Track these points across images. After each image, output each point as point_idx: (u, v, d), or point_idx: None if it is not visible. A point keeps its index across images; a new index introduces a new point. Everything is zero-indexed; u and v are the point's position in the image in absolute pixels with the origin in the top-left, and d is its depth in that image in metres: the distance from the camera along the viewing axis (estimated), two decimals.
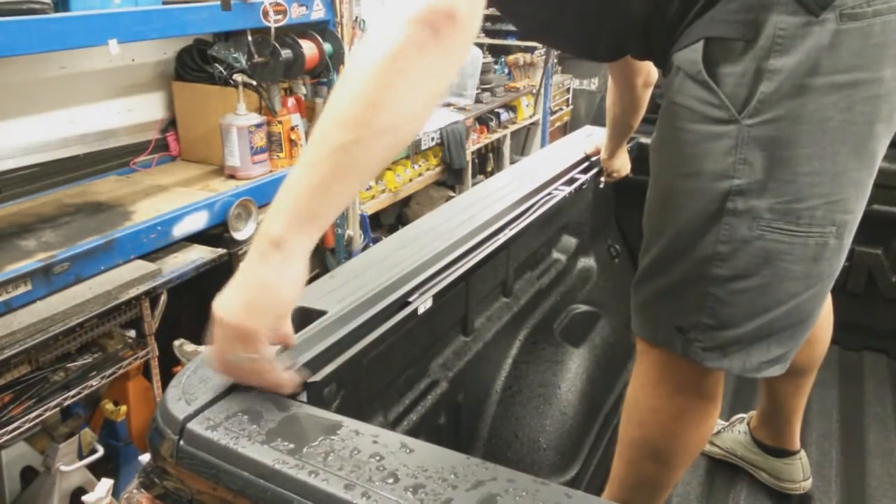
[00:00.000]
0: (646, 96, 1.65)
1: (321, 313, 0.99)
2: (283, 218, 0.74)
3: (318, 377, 0.87)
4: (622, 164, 1.97)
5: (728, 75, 0.97)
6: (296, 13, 2.53)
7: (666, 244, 1.10)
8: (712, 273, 1.04)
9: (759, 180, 0.97)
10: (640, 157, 2.19)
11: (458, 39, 0.76)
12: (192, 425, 0.73)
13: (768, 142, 0.96)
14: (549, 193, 1.69)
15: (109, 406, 2.10)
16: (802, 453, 1.63)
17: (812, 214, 0.97)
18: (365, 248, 3.10)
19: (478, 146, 4.39)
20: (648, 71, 1.58)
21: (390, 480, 0.63)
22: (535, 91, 4.95)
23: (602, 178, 1.98)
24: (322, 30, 2.71)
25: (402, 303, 1.10)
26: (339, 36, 2.74)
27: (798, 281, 1.02)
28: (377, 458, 0.66)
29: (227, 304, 0.75)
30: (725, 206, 1.00)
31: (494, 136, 4.56)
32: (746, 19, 0.94)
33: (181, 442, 0.72)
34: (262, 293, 0.75)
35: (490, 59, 4.68)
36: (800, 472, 1.62)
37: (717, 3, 0.98)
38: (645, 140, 2.19)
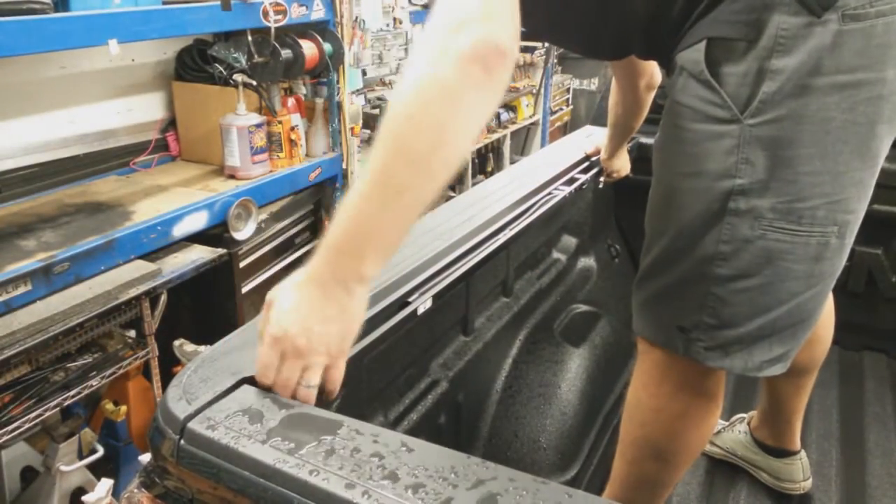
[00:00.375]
0: (648, 98, 1.65)
1: None
2: (370, 256, 0.78)
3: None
4: (622, 165, 1.97)
5: (730, 75, 0.97)
6: (296, 13, 2.53)
7: (667, 244, 1.10)
8: (714, 273, 1.04)
9: (761, 180, 0.97)
10: (640, 156, 2.19)
11: (505, 72, 0.80)
12: (193, 425, 0.73)
13: (770, 141, 0.96)
14: (549, 193, 1.69)
15: (109, 406, 2.10)
16: (803, 453, 1.63)
17: (814, 214, 0.97)
18: None
19: (478, 146, 4.38)
20: (652, 73, 1.58)
21: (391, 480, 0.63)
22: (535, 91, 4.94)
23: (602, 178, 1.98)
24: (322, 30, 2.71)
25: (402, 303, 1.10)
26: (339, 36, 2.74)
27: (800, 280, 1.02)
28: (378, 457, 0.66)
29: (324, 338, 0.78)
30: (727, 205, 1.00)
31: (494, 136, 4.56)
32: (749, 20, 0.94)
33: (182, 441, 0.72)
34: (354, 325, 0.80)
35: None
36: (800, 473, 1.62)
37: (720, 4, 0.98)
38: (645, 140, 2.19)
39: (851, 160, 0.96)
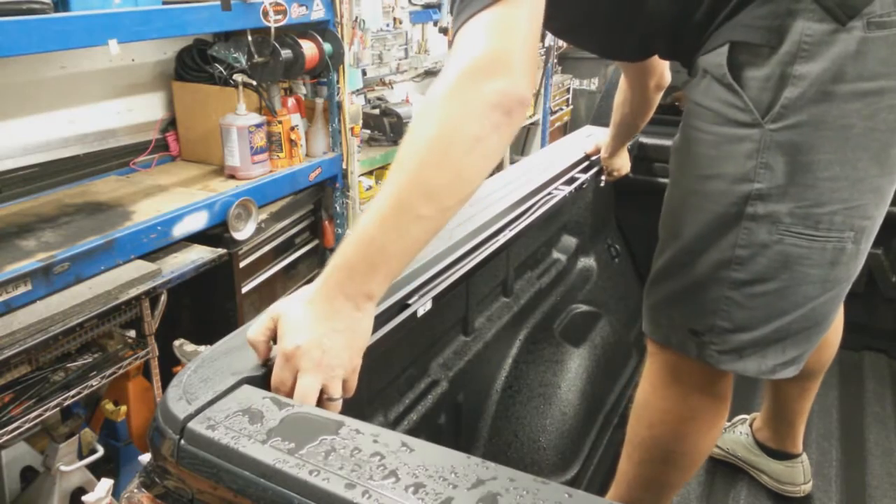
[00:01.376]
0: (656, 98, 1.65)
1: None
2: (379, 276, 0.82)
3: None
4: (622, 164, 1.97)
5: (753, 79, 0.98)
6: (296, 13, 2.53)
7: (682, 246, 1.10)
8: (730, 277, 1.05)
9: (779, 185, 0.98)
10: (640, 156, 2.20)
11: (524, 116, 0.86)
12: (193, 424, 0.73)
13: (790, 147, 0.96)
14: (549, 193, 1.69)
15: (109, 406, 2.10)
16: (804, 456, 1.63)
17: (831, 219, 0.98)
18: None
19: None
20: (662, 73, 1.58)
21: (391, 479, 0.63)
22: (534, 91, 4.95)
23: (603, 178, 1.98)
24: (322, 30, 2.71)
25: (402, 305, 1.10)
26: (339, 36, 2.74)
27: (815, 285, 1.02)
28: (378, 457, 0.66)
29: (336, 351, 0.80)
30: (745, 209, 1.01)
31: None
32: (773, 25, 0.95)
33: (182, 441, 0.72)
34: (361, 340, 0.84)
35: None
36: (801, 476, 1.62)
37: (745, 9, 0.98)
38: (645, 140, 2.19)
39: (870, 167, 0.96)
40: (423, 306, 1.12)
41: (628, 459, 1.30)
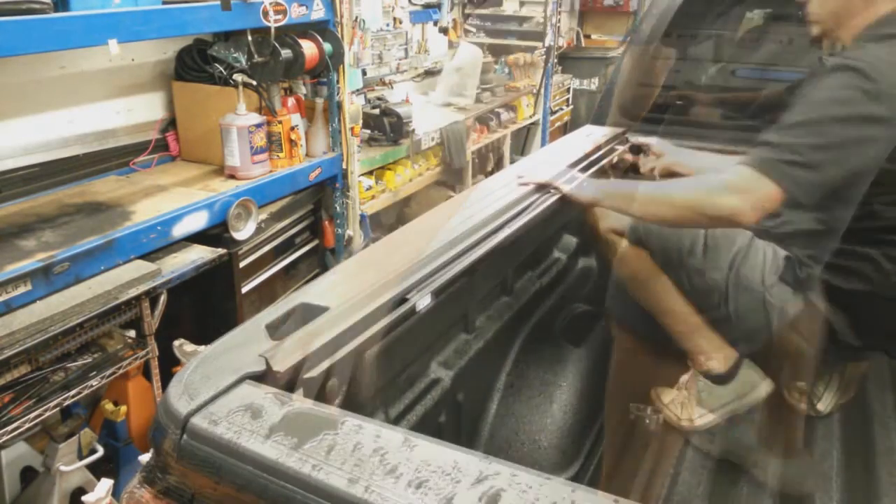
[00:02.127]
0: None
1: (323, 309, 0.99)
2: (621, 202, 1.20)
3: (318, 372, 0.87)
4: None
5: None
6: (296, 13, 2.53)
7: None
8: None
9: None
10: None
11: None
12: (195, 421, 0.73)
13: None
14: (549, 193, 1.69)
15: (109, 406, 2.09)
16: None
17: None
18: (365, 248, 3.10)
19: (478, 146, 4.37)
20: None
21: (393, 475, 0.63)
22: (535, 91, 4.94)
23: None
24: (322, 30, 2.71)
25: (402, 300, 1.10)
26: (339, 36, 2.74)
27: None
28: (380, 453, 0.66)
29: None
30: None
31: (495, 136, 4.55)
32: None
33: (183, 437, 0.72)
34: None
35: (490, 58, 4.67)
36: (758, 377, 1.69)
37: None
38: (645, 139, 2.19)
39: None
40: (422, 302, 1.12)
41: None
